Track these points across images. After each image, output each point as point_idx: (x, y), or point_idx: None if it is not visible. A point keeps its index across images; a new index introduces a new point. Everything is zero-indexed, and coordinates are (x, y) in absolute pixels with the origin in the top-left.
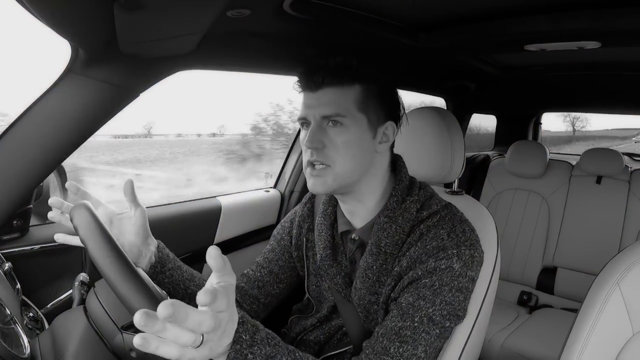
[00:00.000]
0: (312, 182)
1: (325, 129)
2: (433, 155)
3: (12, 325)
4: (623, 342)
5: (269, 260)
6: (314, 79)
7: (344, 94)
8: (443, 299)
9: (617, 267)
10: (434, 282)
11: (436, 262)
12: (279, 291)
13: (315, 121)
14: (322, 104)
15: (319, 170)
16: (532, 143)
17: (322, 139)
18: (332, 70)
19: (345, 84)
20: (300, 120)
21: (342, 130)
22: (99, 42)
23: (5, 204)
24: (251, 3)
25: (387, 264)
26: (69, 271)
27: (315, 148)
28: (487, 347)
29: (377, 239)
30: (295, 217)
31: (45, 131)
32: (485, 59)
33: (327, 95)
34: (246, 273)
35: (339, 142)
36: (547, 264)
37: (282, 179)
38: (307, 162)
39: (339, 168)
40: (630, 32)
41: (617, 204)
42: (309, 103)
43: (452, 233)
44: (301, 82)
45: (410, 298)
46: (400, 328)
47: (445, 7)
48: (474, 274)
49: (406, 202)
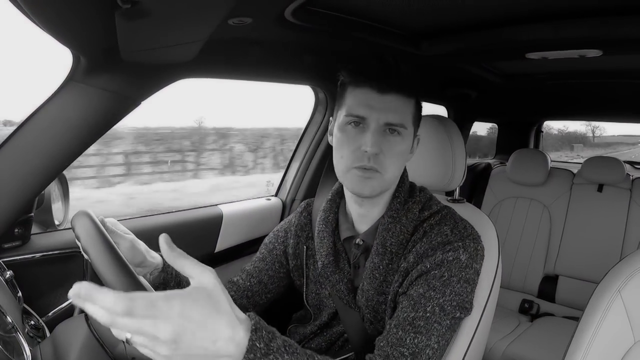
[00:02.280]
0: (360, 184)
1: (384, 135)
2: (434, 163)
3: (14, 333)
4: (624, 351)
5: (259, 270)
6: (389, 81)
7: (407, 105)
8: (452, 289)
9: (619, 276)
10: (443, 273)
11: (443, 254)
12: (266, 301)
13: (378, 125)
14: (389, 109)
15: (369, 173)
16: (533, 151)
17: (381, 145)
18: (406, 79)
19: (410, 96)
20: (355, 118)
21: (399, 140)
22: (100, 50)
23: (7, 212)
24: (253, 11)
25: (393, 263)
26: (71, 279)
27: (375, 154)
28: (489, 355)
29: (383, 239)
30: (290, 227)
31: (47, 139)
32: (487, 66)
33: (396, 102)
34: (235, 281)
35: (395, 151)
36: (548, 272)
37: (283, 187)
38: (358, 165)
39: (388, 176)
40: (632, 40)
41: (619, 212)
42: (373, 104)
43: (454, 229)
44: (365, 79)
45: (420, 290)
46: (413, 318)
47: (447, 15)
48: (478, 266)
49: (408, 203)
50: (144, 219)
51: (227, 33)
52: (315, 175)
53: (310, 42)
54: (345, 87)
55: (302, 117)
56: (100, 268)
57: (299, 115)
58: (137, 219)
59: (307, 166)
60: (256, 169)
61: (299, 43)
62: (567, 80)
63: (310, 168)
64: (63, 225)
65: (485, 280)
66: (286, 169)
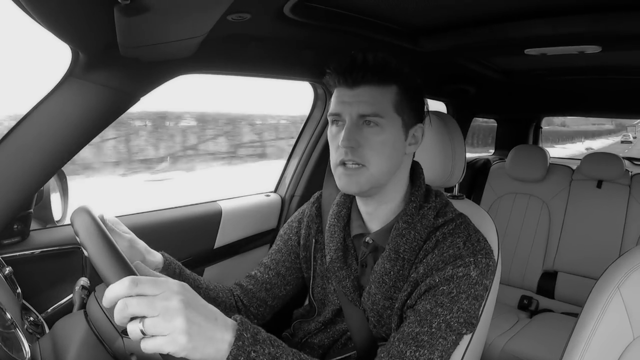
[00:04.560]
0: (344, 181)
1: (361, 128)
2: (434, 159)
3: (13, 329)
4: (624, 347)
5: (276, 262)
6: (353, 75)
7: (383, 94)
8: (460, 306)
9: (618, 272)
10: (452, 289)
11: (454, 269)
12: (286, 293)
13: (352, 119)
14: (361, 102)
15: (352, 169)
16: (532, 147)
17: (358, 138)
18: (373, 68)
19: (384, 84)
20: (333, 117)
21: (378, 130)
22: (99, 46)
23: (6, 208)
24: (252, 7)
25: (404, 270)
26: (70, 275)
27: (351, 147)
28: (488, 351)
29: (396, 245)
30: (303, 217)
31: (46, 135)
32: (486, 63)
33: (366, 93)
34: (254, 275)
35: (375, 142)
36: (547, 268)
37: (282, 183)
38: (339, 161)
39: (373, 169)
40: (631, 36)
41: (618, 208)
42: (345, 100)
43: (467, 242)
44: (337, 76)
45: (427, 305)
46: (417, 333)
47: (446, 11)
48: (488, 282)
49: (424, 208)
50: (143, 215)
51: (226, 29)
52: (315, 172)
53: (309, 38)
54: (332, 90)
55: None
56: (99, 264)
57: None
58: (136, 215)
59: (306, 162)
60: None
61: (298, 39)
62: (566, 76)
63: (309, 164)
64: (62, 221)
65: None
66: (285, 165)
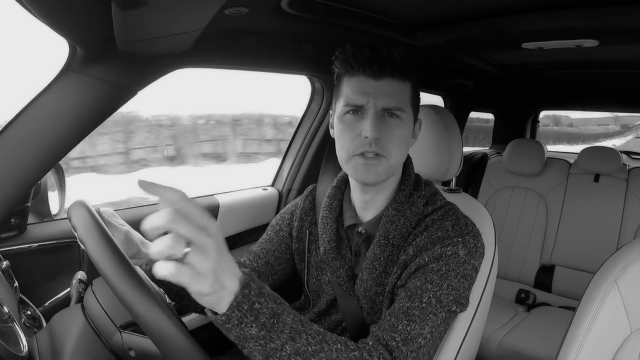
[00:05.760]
0: (364, 170)
1: (382, 120)
2: (431, 153)
3: (10, 323)
4: (621, 340)
5: (265, 251)
6: (382, 66)
7: (404, 88)
8: (450, 283)
9: (615, 265)
10: (441, 267)
11: (442, 248)
12: (272, 282)
13: (376, 110)
14: (385, 94)
15: (372, 159)
16: (529, 141)
17: (381, 129)
18: (399, 63)
19: (405, 79)
20: (353, 107)
21: (399, 123)
22: (96, 40)
23: (3, 202)
24: (249, 1)
25: (394, 255)
26: (67, 269)
27: (376, 138)
28: (485, 345)
29: (386, 231)
30: (296, 210)
31: (43, 129)
32: (483, 56)
33: (391, 86)
34: (242, 262)
35: (395, 135)
36: (544, 262)
37: (279, 177)
38: (359, 152)
39: (392, 160)
40: (628, 30)
41: (615, 202)
42: (369, 90)
43: (455, 225)
44: (357, 66)
45: (417, 282)
46: (408, 308)
47: (443, 5)
48: (477, 263)
49: (413, 196)
50: (140, 208)
51: (223, 23)
52: (312, 166)
53: (307, 32)
54: (341, 78)
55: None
56: (97, 258)
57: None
58: (133, 209)
59: (303, 156)
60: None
61: (296, 33)
62: (563, 70)
63: (306, 158)
64: (59, 215)
65: (481, 271)
66: (282, 159)
